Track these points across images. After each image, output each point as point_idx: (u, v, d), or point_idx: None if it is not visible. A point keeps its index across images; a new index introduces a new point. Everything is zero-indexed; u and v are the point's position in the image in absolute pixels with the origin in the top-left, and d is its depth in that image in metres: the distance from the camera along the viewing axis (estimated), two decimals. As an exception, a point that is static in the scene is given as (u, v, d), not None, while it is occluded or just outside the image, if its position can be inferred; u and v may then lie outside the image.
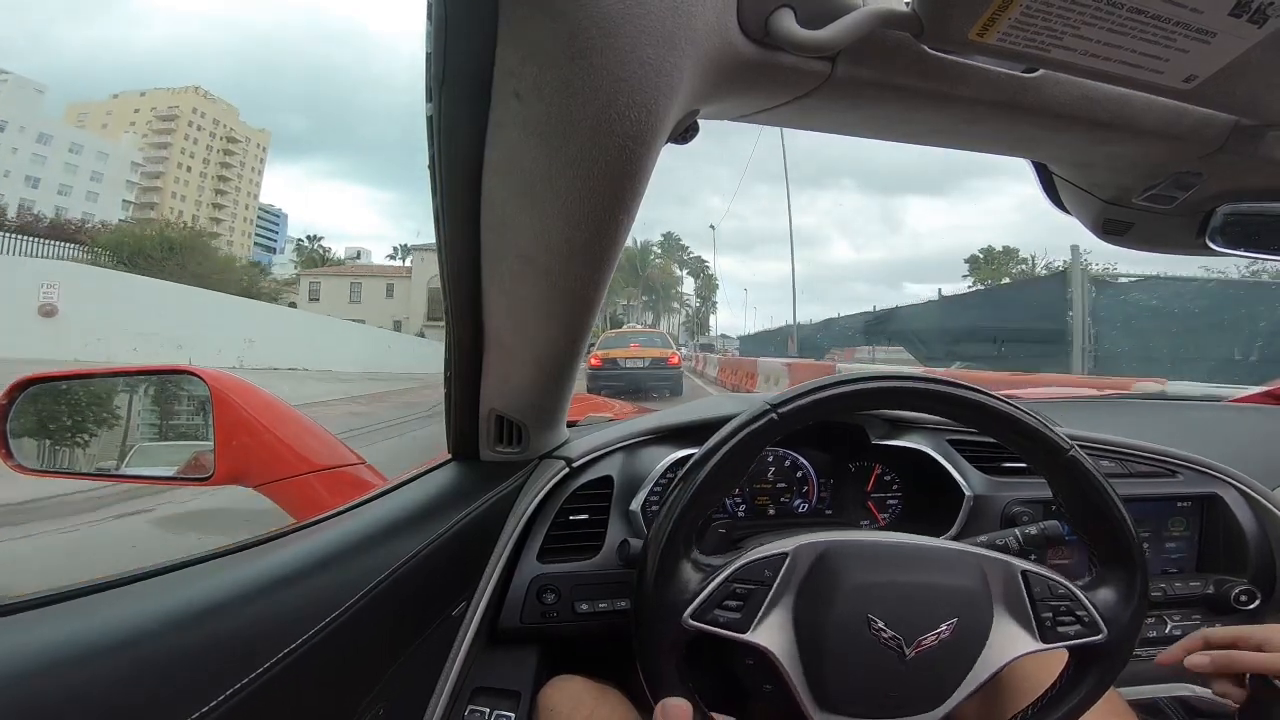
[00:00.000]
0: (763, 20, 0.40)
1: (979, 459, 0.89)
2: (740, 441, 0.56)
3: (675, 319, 65.03)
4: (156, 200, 57.96)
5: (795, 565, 0.55)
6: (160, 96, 61.81)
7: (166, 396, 1.32)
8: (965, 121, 0.52)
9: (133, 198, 54.72)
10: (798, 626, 0.54)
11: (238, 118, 67.70)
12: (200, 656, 0.43)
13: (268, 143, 71.62)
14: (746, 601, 0.54)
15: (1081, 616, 0.56)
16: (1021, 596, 0.56)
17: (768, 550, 0.55)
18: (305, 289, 46.93)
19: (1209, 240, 0.69)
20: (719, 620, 0.53)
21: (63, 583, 0.45)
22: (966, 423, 0.60)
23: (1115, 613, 0.56)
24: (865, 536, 0.57)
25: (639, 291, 57.01)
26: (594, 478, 0.80)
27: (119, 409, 1.46)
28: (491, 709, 0.70)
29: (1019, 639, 0.56)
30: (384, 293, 46.53)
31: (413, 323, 43.72)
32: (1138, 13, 0.35)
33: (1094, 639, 0.56)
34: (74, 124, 56.13)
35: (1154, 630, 0.89)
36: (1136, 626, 0.57)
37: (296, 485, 0.90)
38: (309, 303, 44.31)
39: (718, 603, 0.53)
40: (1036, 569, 0.57)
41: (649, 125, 0.39)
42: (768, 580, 0.54)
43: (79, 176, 49.38)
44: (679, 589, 0.54)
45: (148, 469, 1.30)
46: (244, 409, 0.92)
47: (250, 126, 69.21)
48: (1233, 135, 0.54)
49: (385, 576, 0.56)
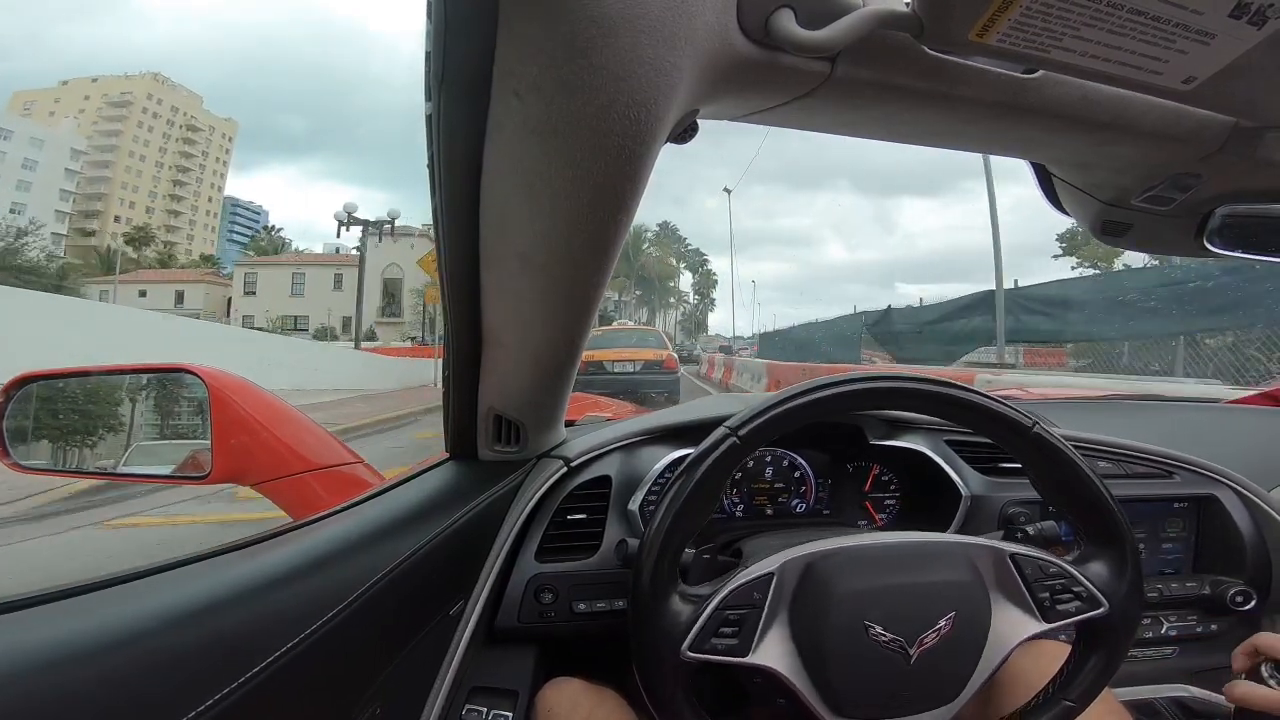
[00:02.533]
0: (762, 20, 0.40)
1: (977, 459, 0.89)
2: (705, 472, 0.56)
3: (672, 315, 61.62)
4: (105, 191, 56.18)
5: (783, 582, 0.55)
6: (113, 83, 59.72)
7: (164, 395, 1.32)
8: (965, 122, 0.52)
9: (74, 188, 52.72)
10: (798, 642, 0.54)
11: (201, 105, 65.30)
12: (197, 655, 0.43)
13: (234, 133, 69.37)
14: (742, 626, 0.53)
15: (1079, 592, 0.56)
16: (1015, 580, 0.56)
17: (753, 573, 0.55)
18: (241, 281, 42.00)
19: (1207, 241, 0.69)
20: (718, 648, 0.53)
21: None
22: (936, 415, 0.61)
23: (1111, 585, 0.56)
24: (849, 541, 0.57)
25: (632, 284, 53.10)
26: (592, 477, 0.80)
27: (116, 407, 1.46)
28: (489, 709, 0.70)
29: (1022, 622, 0.56)
30: (331, 284, 40.39)
31: (364, 318, 38.65)
32: (1137, 14, 0.35)
33: (1096, 613, 0.56)
34: (19, 112, 53.78)
35: (1150, 631, 0.89)
36: (1137, 597, 0.57)
37: (294, 484, 0.90)
38: (244, 297, 40.67)
39: (713, 632, 0.53)
40: (1024, 550, 0.57)
41: (648, 125, 0.39)
42: (758, 602, 0.54)
43: (5, 165, 46.90)
44: (671, 623, 0.54)
45: (144, 467, 1.30)
46: (242, 407, 0.92)
47: (215, 115, 66.80)
48: (1231, 137, 0.54)
49: (382, 576, 0.56)
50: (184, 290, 42.82)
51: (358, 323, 22.21)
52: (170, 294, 42.43)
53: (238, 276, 42.54)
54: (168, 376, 1.36)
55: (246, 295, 40.77)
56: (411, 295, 34.83)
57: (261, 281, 41.52)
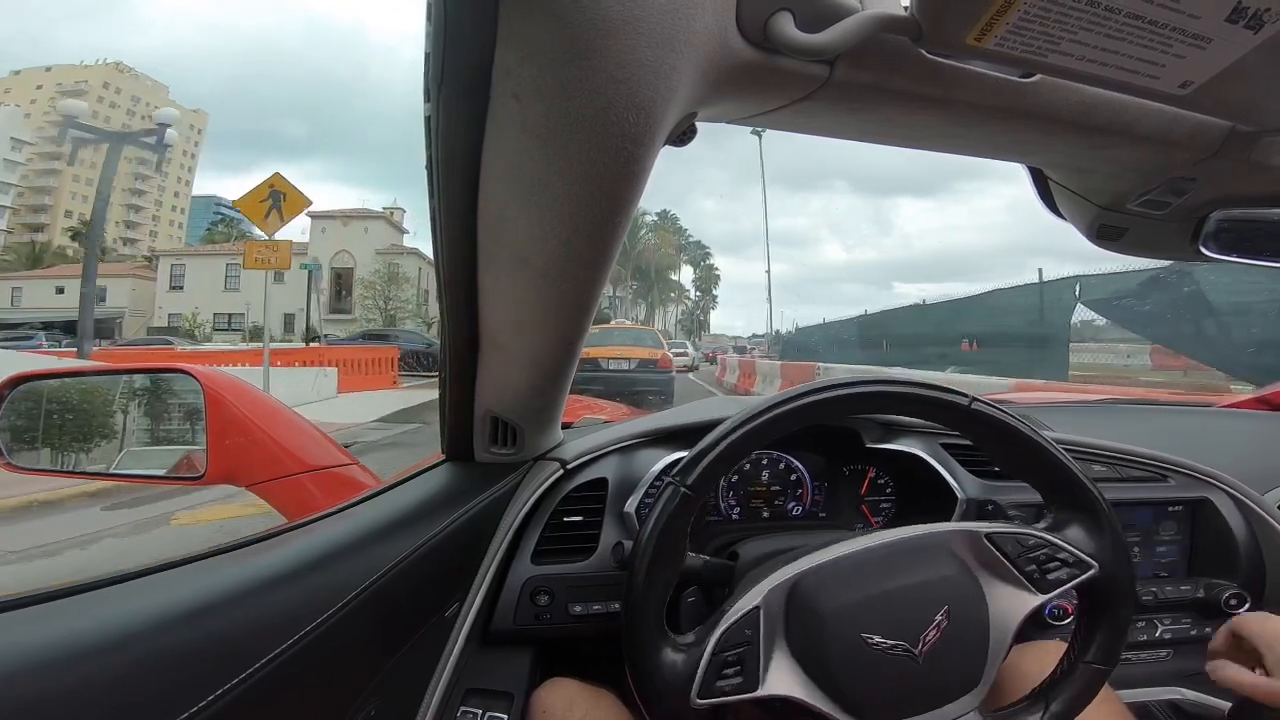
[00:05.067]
0: (761, 23, 0.40)
1: (972, 462, 0.89)
2: (663, 529, 0.56)
3: (672, 313, 58.19)
4: (53, 184, 53.35)
5: (771, 612, 0.55)
6: (68, 72, 56.95)
7: (159, 395, 1.32)
8: (962, 126, 0.52)
9: (14, 179, 49.87)
10: (803, 664, 0.54)
11: (166, 95, 61.68)
12: (192, 656, 0.43)
13: (204, 124, 66.42)
14: (743, 664, 0.53)
15: (1065, 558, 0.56)
16: (998, 558, 0.56)
17: (738, 611, 0.55)
18: (166, 275, 35.62)
19: (1202, 246, 0.69)
20: (726, 690, 0.53)
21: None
22: (879, 411, 0.62)
23: (1093, 546, 0.57)
24: (826, 556, 0.57)
25: (629, 274, 47.92)
26: (588, 479, 0.80)
27: (111, 407, 1.45)
28: (484, 710, 0.70)
29: (1019, 598, 0.56)
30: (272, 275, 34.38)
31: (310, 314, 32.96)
32: (1134, 18, 0.35)
33: (1089, 574, 0.56)
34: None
35: (1144, 634, 0.89)
36: (1124, 555, 0.57)
37: (290, 485, 0.89)
38: (170, 292, 34.99)
39: (716, 674, 0.53)
40: (997, 527, 0.57)
41: (647, 127, 0.39)
42: (751, 638, 0.54)
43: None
44: (672, 676, 0.54)
45: (139, 468, 1.29)
46: (237, 408, 0.91)
47: (183, 106, 62.84)
48: (1227, 141, 0.54)
49: (378, 577, 0.56)
50: (106, 286, 36.39)
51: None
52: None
53: (163, 270, 36.10)
54: (162, 376, 1.35)
55: (173, 290, 35.35)
56: (361, 287, 31.74)
57: (190, 275, 35.61)
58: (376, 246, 33.64)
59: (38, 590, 0.44)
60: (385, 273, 32.23)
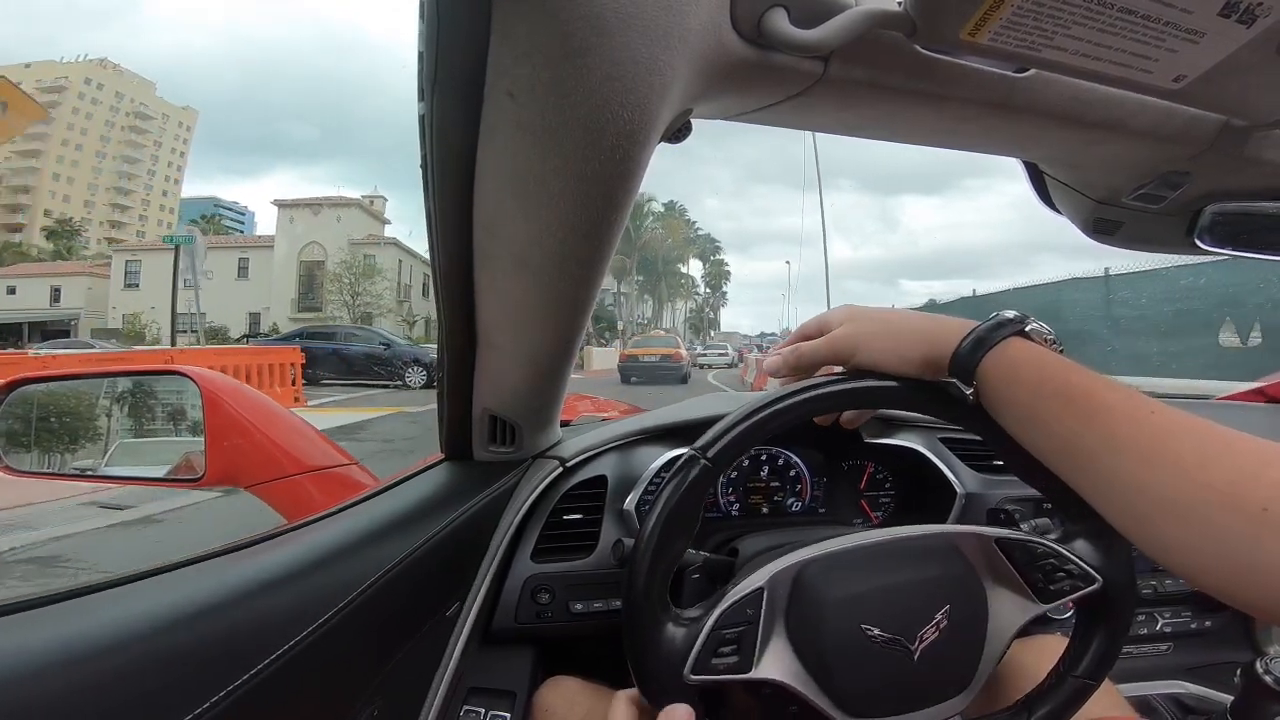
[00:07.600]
0: (756, 20, 0.40)
1: (971, 457, 0.89)
2: (679, 500, 0.55)
3: (680, 310, 54.54)
4: (32, 183, 52.07)
5: (775, 594, 0.54)
6: (47, 69, 55.32)
7: (157, 397, 1.32)
8: (957, 121, 0.52)
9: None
10: (799, 650, 0.54)
11: (153, 93, 60.52)
12: (193, 658, 0.43)
13: (193, 121, 64.51)
14: (740, 644, 0.53)
15: (1070, 570, 0.56)
16: (1006, 565, 0.56)
17: (742, 590, 0.54)
18: (120, 272, 32.97)
19: (1197, 239, 0.69)
20: (719, 668, 0.53)
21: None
22: (908, 409, 0.61)
23: (1099, 561, 0.56)
24: (835, 545, 0.57)
25: (633, 265, 43.85)
26: (588, 477, 0.80)
27: (110, 410, 1.45)
28: (487, 709, 0.70)
29: (1020, 605, 0.56)
30: (234, 272, 31.58)
31: (274, 313, 30.09)
32: (1127, 13, 0.36)
33: (1091, 589, 0.56)
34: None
35: (1144, 627, 0.89)
36: (1130, 572, 0.57)
37: (289, 486, 0.89)
38: (124, 291, 32.53)
39: (712, 652, 0.53)
40: (1010, 534, 0.57)
41: (642, 124, 0.39)
42: (752, 618, 0.53)
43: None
44: (669, 649, 0.53)
45: (138, 470, 1.29)
46: (235, 409, 0.91)
47: (169, 103, 61.88)
48: (1221, 135, 0.54)
49: (379, 577, 0.56)
50: (60, 286, 34.81)
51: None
52: (46, 290, 34.47)
53: (116, 267, 33.17)
54: (159, 379, 1.35)
55: (128, 289, 32.64)
56: (328, 281, 29.11)
57: (146, 272, 32.03)
58: (352, 237, 31.39)
59: (41, 593, 0.44)
60: (354, 264, 29.37)
